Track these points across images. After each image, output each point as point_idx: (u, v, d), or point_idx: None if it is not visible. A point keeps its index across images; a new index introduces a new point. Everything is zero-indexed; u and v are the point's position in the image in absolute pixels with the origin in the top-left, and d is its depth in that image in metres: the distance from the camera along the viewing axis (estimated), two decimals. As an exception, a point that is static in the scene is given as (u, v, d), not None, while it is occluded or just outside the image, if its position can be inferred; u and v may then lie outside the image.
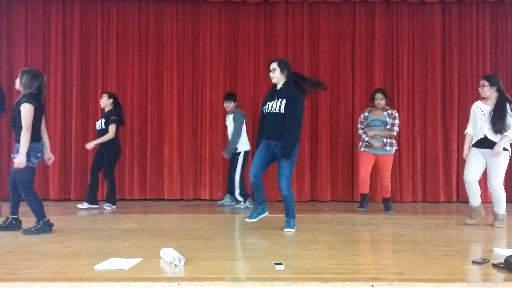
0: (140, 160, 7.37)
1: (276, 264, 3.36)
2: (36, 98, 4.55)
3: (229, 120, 6.63)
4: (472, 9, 7.45)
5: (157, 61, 7.42)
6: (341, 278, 3.09)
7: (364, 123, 6.34)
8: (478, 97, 7.22)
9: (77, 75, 7.34)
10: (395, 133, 6.24)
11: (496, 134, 4.98)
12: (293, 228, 4.81)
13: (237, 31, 7.47)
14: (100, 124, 6.42)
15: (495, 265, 3.38)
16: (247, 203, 6.50)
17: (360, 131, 6.34)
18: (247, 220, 4.82)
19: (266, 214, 4.90)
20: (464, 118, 7.32)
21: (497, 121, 4.94)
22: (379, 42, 7.42)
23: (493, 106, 5.03)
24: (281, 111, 4.64)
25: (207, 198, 7.29)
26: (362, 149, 6.32)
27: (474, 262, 3.50)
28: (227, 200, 6.75)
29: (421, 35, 7.46)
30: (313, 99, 7.42)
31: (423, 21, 7.46)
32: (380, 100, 6.24)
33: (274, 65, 4.76)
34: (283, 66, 4.74)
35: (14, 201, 4.78)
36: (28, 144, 4.46)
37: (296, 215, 4.89)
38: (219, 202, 6.85)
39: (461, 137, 7.17)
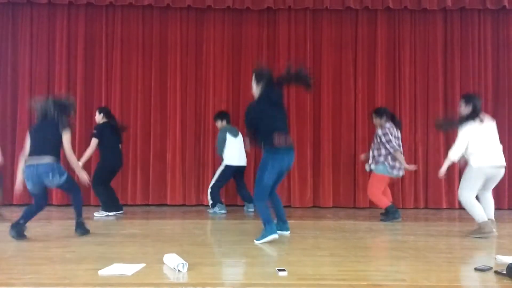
0: (143, 166, 7.39)
1: (279, 270, 3.37)
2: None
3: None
4: (473, 17, 7.47)
5: (160, 67, 7.46)
6: (343, 284, 3.10)
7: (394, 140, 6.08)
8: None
9: (81, 81, 7.38)
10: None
11: None
12: (262, 238, 4.46)
13: (240, 38, 7.50)
14: None
15: (498, 272, 3.38)
16: (216, 208, 6.62)
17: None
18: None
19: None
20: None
21: None
22: (381, 50, 7.45)
23: None
24: None
25: (210, 204, 7.30)
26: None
27: (476, 269, 3.50)
28: (250, 206, 6.78)
29: (423, 42, 7.48)
30: (316, 106, 7.45)
31: (425, 28, 7.49)
32: (374, 119, 6.19)
33: (253, 77, 4.75)
34: (258, 78, 4.70)
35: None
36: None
37: (268, 224, 4.51)
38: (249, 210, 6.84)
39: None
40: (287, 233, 4.87)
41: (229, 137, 6.61)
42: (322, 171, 7.37)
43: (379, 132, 6.00)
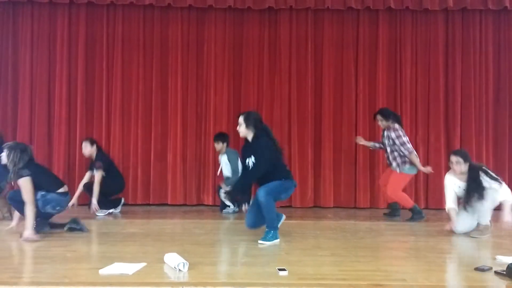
0: (144, 165, 7.39)
1: (280, 270, 3.38)
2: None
3: (224, 160, 6.66)
4: (475, 17, 7.47)
5: (161, 67, 7.46)
6: (344, 284, 3.11)
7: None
8: (480, 105, 7.33)
9: (82, 81, 7.38)
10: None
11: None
12: (270, 241, 4.47)
13: (241, 38, 7.50)
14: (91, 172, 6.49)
15: (498, 273, 3.39)
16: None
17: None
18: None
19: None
20: (467, 126, 7.36)
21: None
22: (383, 50, 7.45)
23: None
24: None
25: (210, 204, 7.30)
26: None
27: (476, 269, 3.51)
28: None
29: (424, 43, 7.48)
30: (317, 106, 7.45)
31: (426, 29, 7.48)
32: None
33: (240, 120, 4.68)
34: (248, 122, 4.63)
35: None
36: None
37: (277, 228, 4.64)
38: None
39: (464, 144, 7.21)
40: None
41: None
42: (322, 171, 7.37)
43: (392, 134, 5.99)
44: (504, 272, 3.34)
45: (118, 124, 7.34)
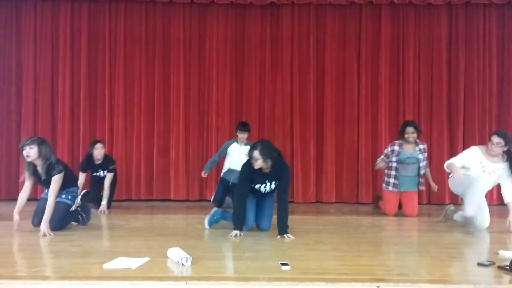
0: (147, 161, 7.41)
1: (282, 264, 3.39)
2: None
3: (242, 151, 6.10)
4: (478, 11, 7.44)
5: (164, 63, 7.47)
6: (346, 279, 3.12)
7: (391, 158, 6.03)
8: (484, 100, 7.32)
9: (85, 77, 7.40)
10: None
11: None
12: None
13: (244, 33, 7.49)
14: (100, 173, 6.44)
15: (501, 267, 3.39)
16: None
17: (378, 160, 6.20)
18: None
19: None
20: (470, 121, 7.34)
21: None
22: (385, 45, 7.43)
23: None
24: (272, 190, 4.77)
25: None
26: (390, 188, 6.05)
27: (479, 264, 3.51)
28: None
29: (427, 38, 7.45)
30: (319, 102, 7.45)
31: (430, 23, 7.46)
32: (411, 134, 5.95)
33: (256, 155, 4.47)
34: (265, 156, 4.47)
35: None
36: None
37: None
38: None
39: (467, 139, 7.21)
40: None
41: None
42: (325, 167, 7.38)
43: (423, 156, 6.02)
44: (507, 267, 3.34)
45: (121, 120, 7.35)
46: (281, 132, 7.38)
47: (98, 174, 6.42)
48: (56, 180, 4.64)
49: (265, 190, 4.69)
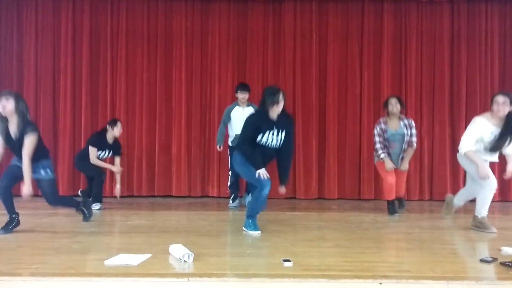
0: (149, 157, 7.41)
1: (284, 261, 3.38)
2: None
3: (245, 113, 6.05)
4: (480, 7, 7.41)
5: (166, 59, 7.45)
6: (349, 275, 3.11)
7: (383, 137, 5.81)
8: (486, 96, 7.28)
9: (87, 73, 7.39)
10: (415, 145, 5.96)
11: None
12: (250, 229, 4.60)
13: (246, 29, 7.47)
14: (105, 154, 6.33)
15: (503, 264, 3.39)
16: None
17: (378, 145, 5.79)
18: None
19: None
20: (472, 117, 7.21)
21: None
22: (387, 41, 7.41)
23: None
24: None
25: (215, 195, 7.32)
26: (382, 156, 5.78)
27: (482, 260, 3.51)
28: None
29: (429, 34, 7.43)
30: (321, 98, 7.43)
31: (432, 20, 7.43)
32: (395, 104, 5.81)
33: (282, 97, 4.60)
34: (284, 99, 4.67)
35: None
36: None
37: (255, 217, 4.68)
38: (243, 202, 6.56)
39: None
40: None
41: None
42: (327, 163, 7.37)
43: (414, 131, 5.86)
44: (510, 264, 3.34)
45: (122, 116, 7.33)
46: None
47: (103, 153, 6.26)
48: (31, 141, 4.33)
49: (272, 140, 4.56)
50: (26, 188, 4.35)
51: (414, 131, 5.86)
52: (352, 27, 7.45)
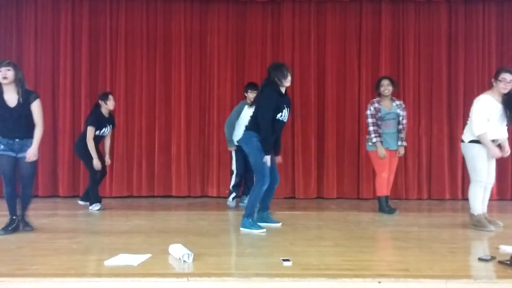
0: (148, 157, 7.42)
1: (284, 260, 3.40)
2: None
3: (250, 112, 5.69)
4: (478, 7, 7.43)
5: (165, 59, 7.46)
6: (348, 274, 3.12)
7: (376, 117, 5.75)
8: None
9: (86, 73, 7.39)
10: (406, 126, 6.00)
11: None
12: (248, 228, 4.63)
13: (245, 29, 7.49)
14: (108, 130, 6.26)
15: (501, 262, 3.40)
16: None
17: (371, 128, 5.72)
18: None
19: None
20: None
21: None
22: (385, 41, 7.42)
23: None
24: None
25: (215, 195, 7.33)
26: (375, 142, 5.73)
27: (480, 259, 3.52)
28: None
29: (427, 33, 7.45)
30: (320, 97, 7.45)
31: (429, 19, 7.45)
32: (387, 86, 5.79)
33: (290, 70, 4.77)
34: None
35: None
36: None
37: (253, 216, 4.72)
38: (241, 204, 6.42)
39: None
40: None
41: None
42: (326, 162, 7.39)
43: (405, 113, 5.89)
44: (508, 262, 3.35)
45: (122, 116, 7.35)
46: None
47: (104, 130, 6.16)
48: (39, 106, 4.48)
49: (285, 116, 4.71)
50: (34, 149, 4.44)
51: (405, 113, 5.92)
52: (350, 27, 7.47)
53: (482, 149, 4.78)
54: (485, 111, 4.73)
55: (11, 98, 4.42)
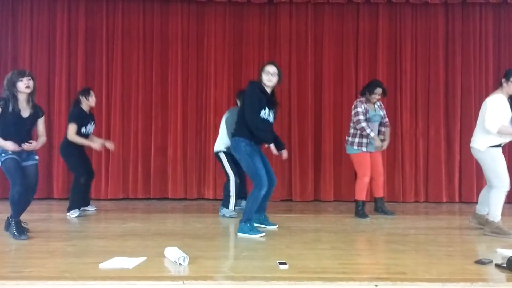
0: (144, 160, 7.39)
1: (280, 263, 3.38)
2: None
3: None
4: (475, 10, 7.44)
5: (161, 61, 7.44)
6: (344, 277, 3.11)
7: (365, 116, 5.69)
8: (480, 98, 7.30)
9: (82, 75, 7.36)
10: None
11: None
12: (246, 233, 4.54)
13: (242, 31, 7.47)
14: (92, 127, 6.05)
15: (498, 266, 3.40)
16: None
17: (364, 124, 5.60)
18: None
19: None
20: (467, 119, 7.33)
21: None
22: (383, 44, 7.42)
23: None
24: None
25: (211, 198, 7.30)
26: (364, 149, 5.75)
27: (477, 262, 3.51)
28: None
29: (424, 36, 7.45)
30: (317, 100, 7.44)
31: (426, 22, 7.45)
32: (379, 95, 5.74)
33: (275, 70, 4.66)
34: (279, 73, 4.72)
35: None
36: None
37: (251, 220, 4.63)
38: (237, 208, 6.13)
39: (464, 137, 7.19)
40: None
41: None
42: (323, 165, 7.37)
43: (384, 112, 5.94)
44: (505, 265, 3.34)
45: (118, 118, 7.32)
46: (279, 130, 7.31)
47: (89, 128, 5.90)
48: (44, 122, 4.72)
49: (269, 116, 4.68)
50: (36, 145, 4.56)
51: (385, 111, 5.98)
52: (348, 30, 7.47)
53: (500, 152, 4.74)
54: (499, 109, 4.67)
55: (24, 108, 4.51)
